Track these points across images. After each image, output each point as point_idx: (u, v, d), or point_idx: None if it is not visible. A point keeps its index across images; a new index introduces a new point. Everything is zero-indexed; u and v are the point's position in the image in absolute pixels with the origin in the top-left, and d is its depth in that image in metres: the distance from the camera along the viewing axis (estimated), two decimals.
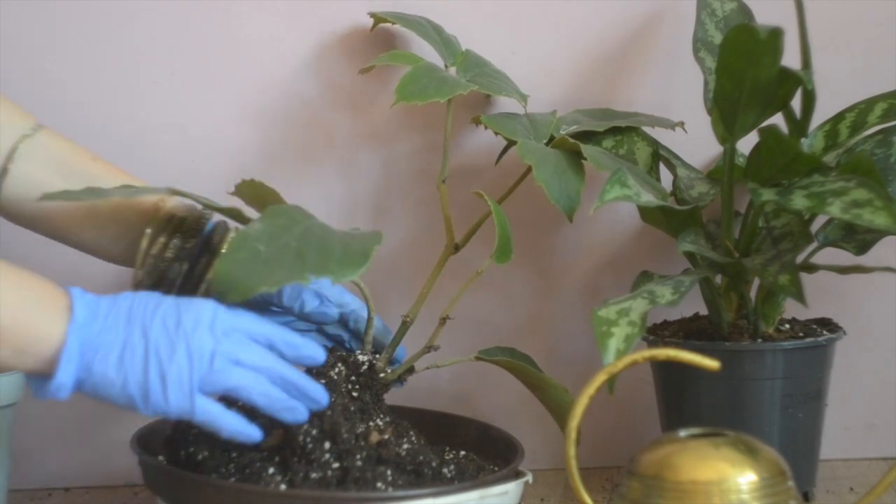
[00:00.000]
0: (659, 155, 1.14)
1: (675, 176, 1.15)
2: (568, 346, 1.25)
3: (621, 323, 0.94)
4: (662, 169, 1.16)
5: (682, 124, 1.17)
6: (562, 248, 1.25)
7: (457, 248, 1.07)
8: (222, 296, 0.85)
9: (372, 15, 1.16)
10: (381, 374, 0.99)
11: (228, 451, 0.93)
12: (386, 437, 0.93)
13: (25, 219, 1.00)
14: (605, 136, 1.14)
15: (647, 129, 1.16)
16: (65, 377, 0.84)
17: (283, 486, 0.88)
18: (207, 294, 0.97)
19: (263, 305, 0.98)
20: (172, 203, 1.00)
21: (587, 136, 1.13)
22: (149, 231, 0.98)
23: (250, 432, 0.88)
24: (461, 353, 1.24)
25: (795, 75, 0.97)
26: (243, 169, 1.15)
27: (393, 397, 1.10)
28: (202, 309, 0.87)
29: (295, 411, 0.89)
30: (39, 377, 0.85)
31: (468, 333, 1.24)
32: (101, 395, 0.86)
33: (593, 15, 1.22)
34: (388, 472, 0.90)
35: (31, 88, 1.16)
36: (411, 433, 0.98)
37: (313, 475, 0.89)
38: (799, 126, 1.04)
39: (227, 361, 0.86)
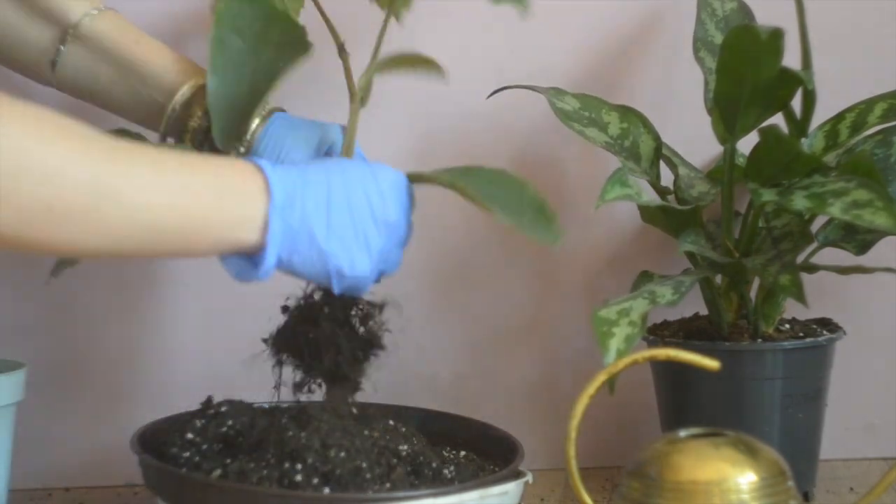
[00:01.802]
0: (661, 151, 1.13)
1: (676, 175, 1.15)
2: (568, 346, 1.25)
3: (622, 323, 0.94)
4: (664, 168, 1.15)
5: None
6: (562, 248, 1.24)
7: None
8: None
9: None
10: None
11: (221, 454, 0.93)
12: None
13: (79, 95, 1.02)
14: (611, 122, 1.13)
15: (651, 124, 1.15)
16: (270, 264, 0.84)
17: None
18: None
19: None
20: None
21: (593, 122, 1.12)
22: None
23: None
24: (461, 353, 1.25)
25: (796, 75, 0.97)
26: None
27: (393, 397, 1.11)
28: (394, 179, 0.90)
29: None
30: (241, 259, 0.84)
31: (468, 333, 1.24)
32: (300, 272, 0.87)
33: (593, 15, 1.22)
34: (388, 472, 0.90)
35: None
36: (411, 433, 0.98)
37: (310, 477, 0.89)
38: (799, 126, 1.04)
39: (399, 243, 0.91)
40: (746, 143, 1.05)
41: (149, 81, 0.99)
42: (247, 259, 0.84)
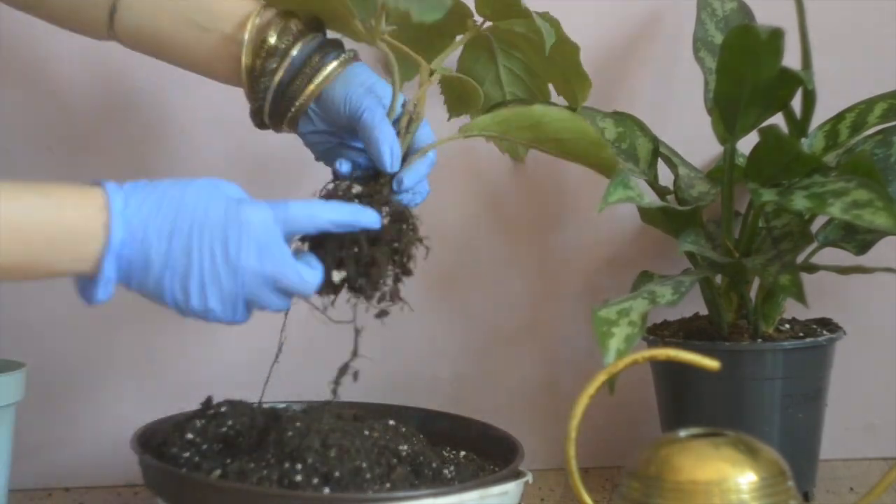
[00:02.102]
0: (659, 152, 1.14)
1: (676, 175, 1.15)
2: (568, 346, 1.25)
3: (622, 323, 0.94)
4: (663, 167, 1.15)
5: None
6: (562, 248, 1.25)
7: None
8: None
9: None
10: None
11: (221, 454, 0.93)
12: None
13: (140, 47, 1.00)
14: (606, 128, 1.13)
15: (648, 126, 1.16)
16: (101, 295, 0.84)
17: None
18: (295, 118, 0.98)
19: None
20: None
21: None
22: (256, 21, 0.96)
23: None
24: (461, 352, 1.25)
25: (796, 75, 0.97)
26: None
27: (393, 397, 1.11)
28: (261, 221, 0.86)
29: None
30: (86, 280, 0.85)
31: (468, 333, 1.24)
32: (145, 296, 0.87)
33: (593, 15, 1.22)
34: (388, 473, 0.90)
35: None
36: (411, 433, 0.98)
37: (310, 477, 0.89)
38: (799, 126, 1.04)
39: (269, 284, 0.87)
40: (746, 143, 1.05)
41: (215, 14, 0.97)
42: (87, 281, 0.85)
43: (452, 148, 1.21)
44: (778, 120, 1.02)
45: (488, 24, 1.03)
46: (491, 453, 1.02)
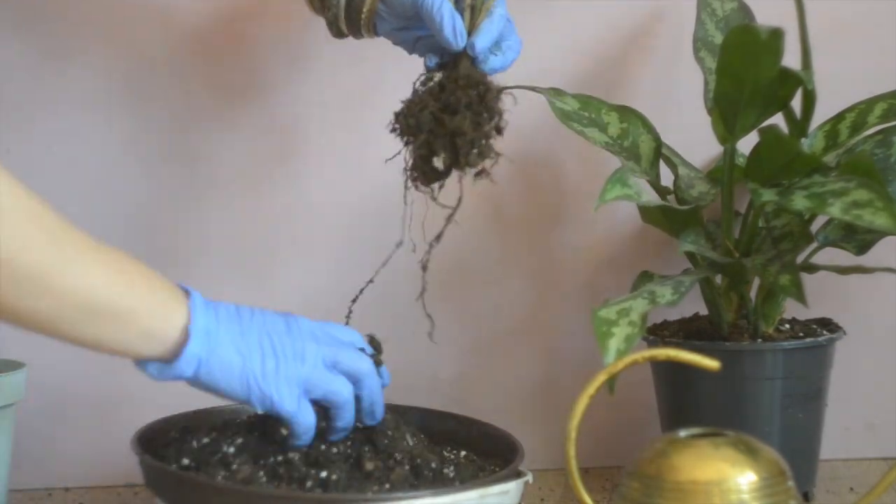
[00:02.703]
0: (661, 151, 1.13)
1: (676, 175, 1.15)
2: (568, 346, 1.25)
3: (621, 323, 0.94)
4: (663, 167, 1.15)
5: None
6: (562, 248, 1.25)
7: None
8: None
9: None
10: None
11: (222, 455, 0.93)
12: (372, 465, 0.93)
13: None
14: (611, 122, 1.13)
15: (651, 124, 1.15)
16: (192, 355, 0.86)
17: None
18: (368, 21, 1.01)
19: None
20: None
21: (593, 122, 1.12)
22: None
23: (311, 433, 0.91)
24: (461, 353, 1.25)
25: (796, 75, 0.97)
26: None
27: (393, 397, 1.11)
28: (302, 320, 0.92)
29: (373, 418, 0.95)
30: (160, 361, 0.87)
31: (468, 333, 1.24)
32: (216, 377, 0.88)
33: (593, 15, 1.22)
34: (388, 473, 0.90)
35: None
36: (412, 433, 0.98)
37: (310, 477, 0.89)
38: (799, 126, 1.04)
39: (327, 368, 0.90)
40: (746, 143, 1.05)
41: None
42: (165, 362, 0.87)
43: None
44: (778, 120, 1.02)
45: None
46: (491, 453, 1.02)
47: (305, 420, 0.90)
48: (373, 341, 0.98)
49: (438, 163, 0.93)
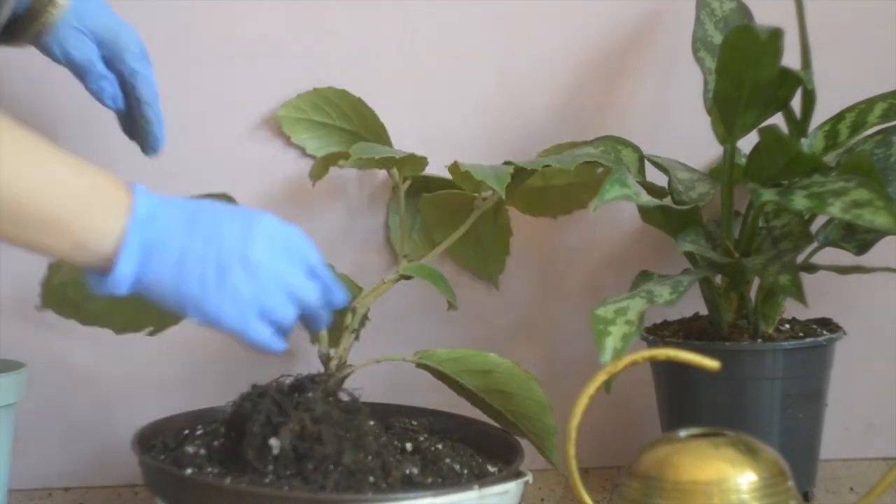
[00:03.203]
0: (644, 160, 1.14)
1: (670, 179, 1.15)
2: (568, 346, 1.25)
3: (619, 322, 0.94)
4: (660, 177, 1.15)
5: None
6: (562, 248, 1.25)
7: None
8: None
9: None
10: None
11: (222, 455, 0.93)
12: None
13: None
14: (588, 149, 1.14)
15: (637, 133, 1.16)
16: (123, 275, 0.83)
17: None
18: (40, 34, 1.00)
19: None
20: None
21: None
22: None
23: (277, 345, 0.88)
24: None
25: (795, 75, 0.97)
26: None
27: (393, 397, 1.11)
28: (265, 225, 0.87)
29: (320, 322, 0.92)
30: (98, 272, 0.84)
31: (468, 332, 1.24)
32: (153, 295, 0.85)
33: (593, 15, 1.22)
34: (388, 473, 0.90)
35: None
36: (413, 433, 0.98)
37: (310, 476, 0.89)
38: (799, 126, 1.04)
39: (279, 285, 0.86)
40: (746, 143, 1.05)
41: None
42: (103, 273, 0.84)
43: (452, 147, 1.21)
44: (778, 120, 1.02)
45: None
46: (491, 453, 1.02)
47: (257, 337, 0.86)
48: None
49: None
